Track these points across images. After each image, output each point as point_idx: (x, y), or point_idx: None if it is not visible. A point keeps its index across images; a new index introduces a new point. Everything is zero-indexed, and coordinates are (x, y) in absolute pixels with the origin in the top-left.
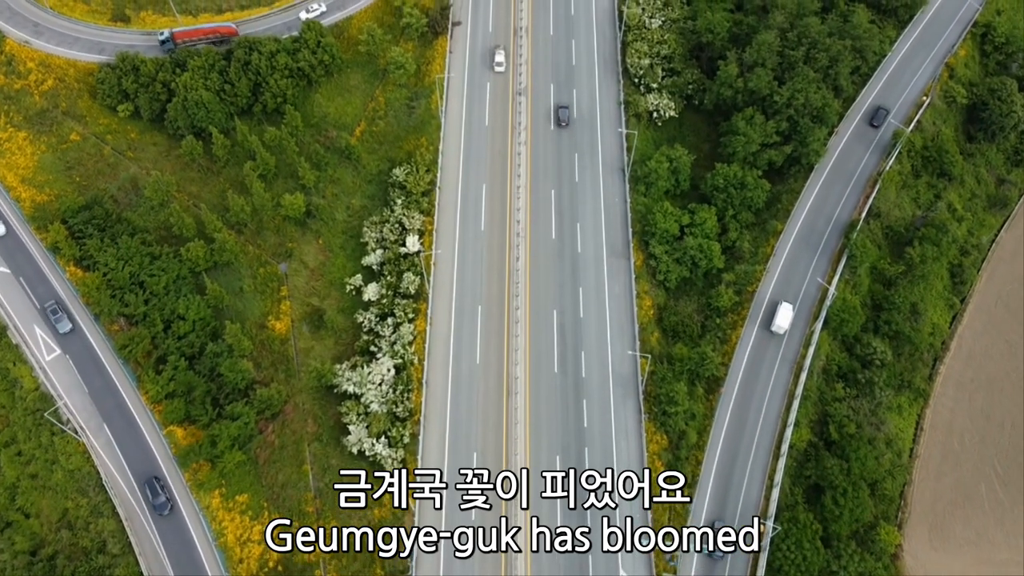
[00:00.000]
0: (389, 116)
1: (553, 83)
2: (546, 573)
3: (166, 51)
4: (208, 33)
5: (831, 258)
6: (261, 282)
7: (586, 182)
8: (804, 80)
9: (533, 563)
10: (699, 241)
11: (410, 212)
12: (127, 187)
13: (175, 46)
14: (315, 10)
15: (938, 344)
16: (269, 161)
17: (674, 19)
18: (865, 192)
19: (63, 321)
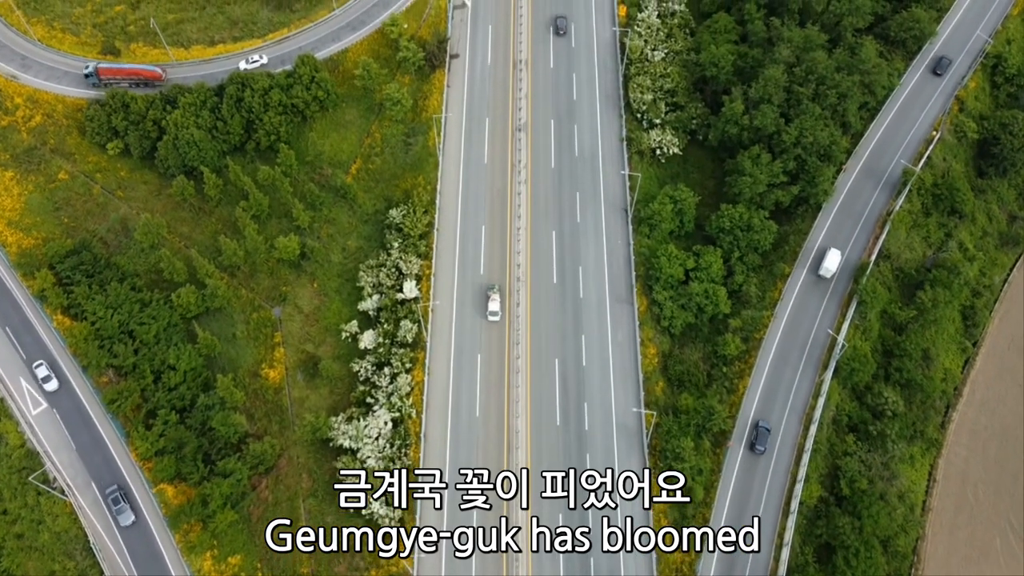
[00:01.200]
0: (385, 153)
1: (554, 118)
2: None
3: (91, 84)
4: (131, 74)
5: (840, 302)
6: (254, 328)
7: (588, 223)
8: (812, 117)
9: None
10: (704, 286)
11: (407, 256)
12: (117, 228)
13: (99, 81)
14: (255, 61)
15: (950, 390)
16: (262, 202)
17: (677, 51)
18: (874, 233)
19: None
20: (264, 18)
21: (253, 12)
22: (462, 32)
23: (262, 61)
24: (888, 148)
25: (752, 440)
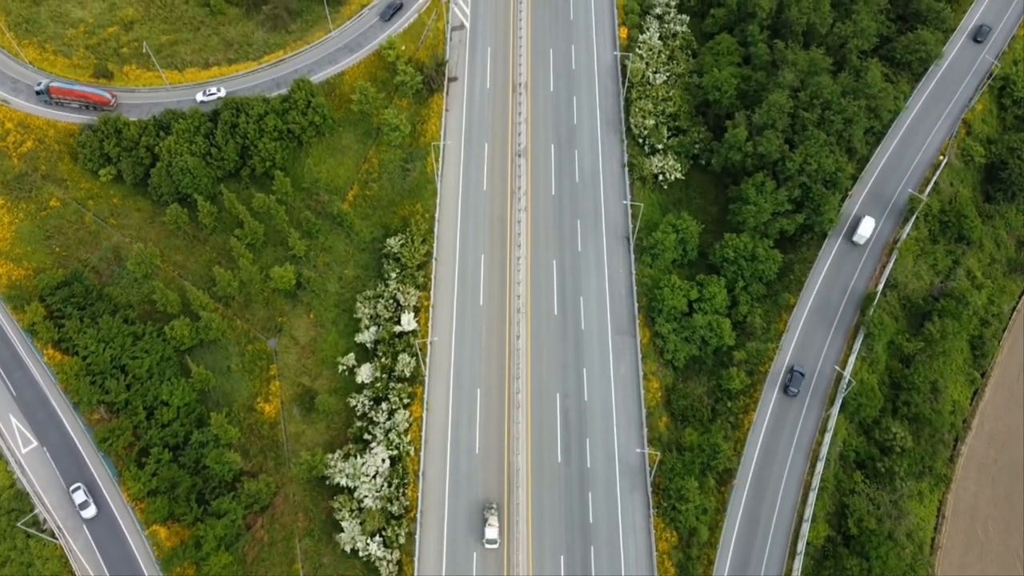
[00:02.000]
0: (383, 179)
1: (554, 143)
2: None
3: (42, 101)
4: (80, 96)
5: (847, 334)
6: (249, 360)
7: (589, 252)
8: (817, 144)
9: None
10: (708, 318)
11: (405, 287)
12: (109, 258)
13: (50, 99)
14: (212, 94)
15: (959, 423)
16: (257, 230)
17: (679, 73)
18: (881, 261)
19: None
20: (259, 39)
21: (248, 33)
22: (461, 54)
23: (219, 94)
24: (894, 173)
25: (759, 486)
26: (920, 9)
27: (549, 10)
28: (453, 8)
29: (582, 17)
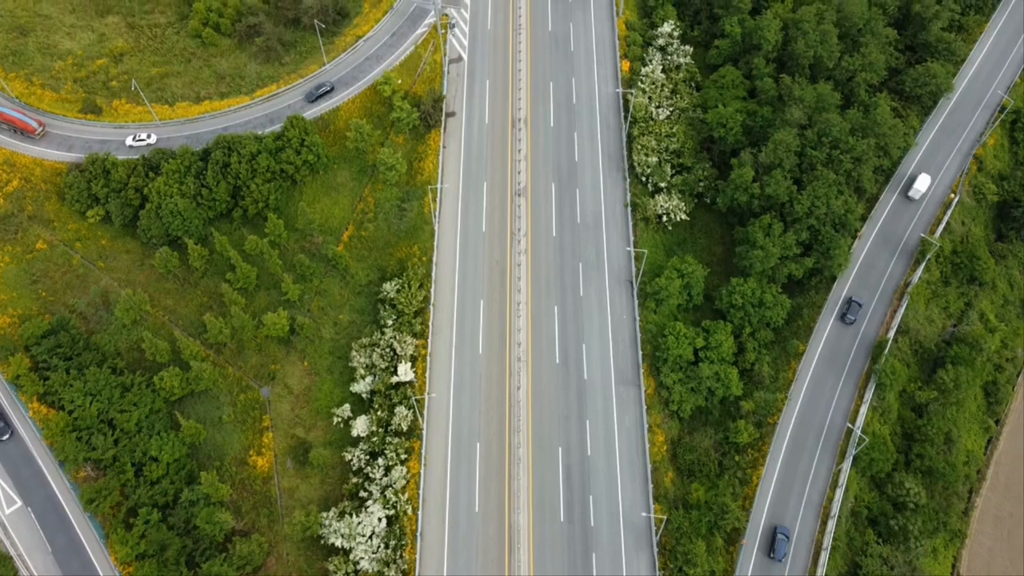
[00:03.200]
0: (379, 219)
1: (555, 182)
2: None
3: None
4: (5, 119)
5: (858, 382)
6: (242, 410)
7: (591, 297)
8: (825, 184)
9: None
10: (715, 368)
11: (402, 336)
12: (97, 302)
13: None
14: (142, 140)
15: (973, 474)
16: (250, 274)
17: (683, 108)
18: (892, 306)
19: None
20: (252, 72)
21: (241, 66)
22: (458, 87)
23: (149, 141)
24: (904, 211)
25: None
26: (929, 40)
27: (549, 41)
28: (451, 40)
29: (583, 49)
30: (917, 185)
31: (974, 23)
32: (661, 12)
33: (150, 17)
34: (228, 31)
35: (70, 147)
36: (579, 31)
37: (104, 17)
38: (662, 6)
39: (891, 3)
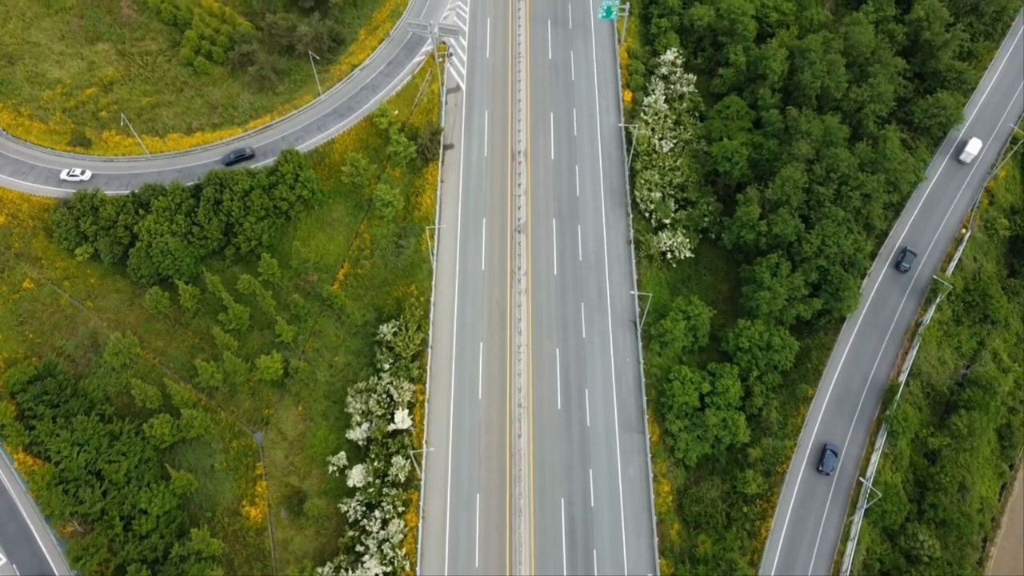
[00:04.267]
0: (375, 256)
1: (555, 217)
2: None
3: None
4: None
5: (868, 427)
6: (234, 457)
7: (594, 338)
8: (834, 222)
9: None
10: (722, 415)
11: (399, 381)
12: (86, 344)
13: None
14: (76, 175)
15: (988, 522)
16: (242, 315)
17: (687, 140)
18: (903, 346)
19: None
20: (245, 102)
21: (234, 95)
22: (456, 118)
23: (82, 177)
24: (916, 247)
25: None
26: (939, 69)
27: (549, 70)
28: (448, 69)
29: (584, 78)
30: None
31: (984, 49)
32: (664, 40)
33: (141, 44)
34: (221, 59)
35: (60, 182)
36: (580, 59)
37: (94, 44)
38: (665, 34)
39: (899, 30)
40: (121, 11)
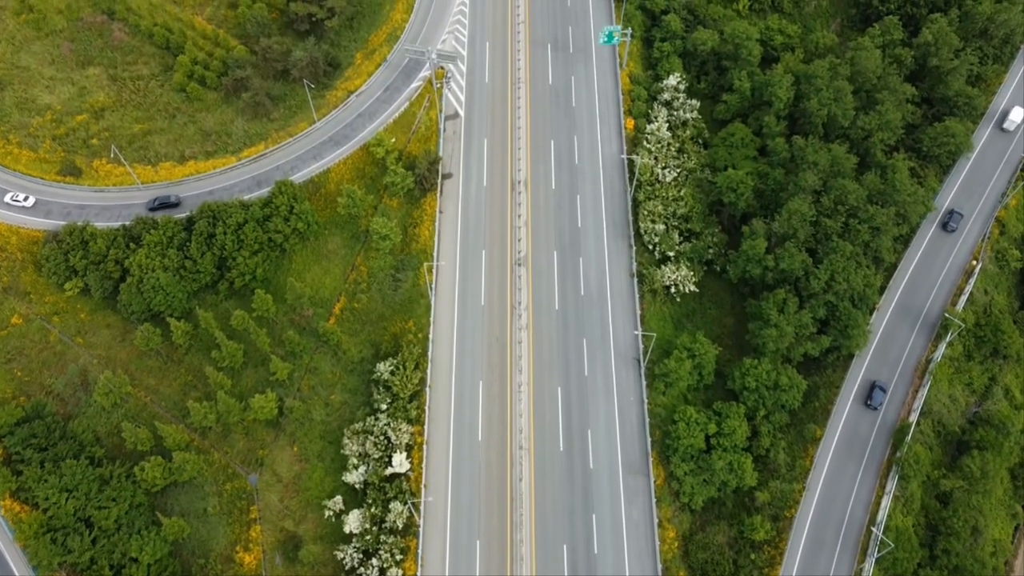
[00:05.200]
0: (372, 290)
1: (557, 250)
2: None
3: None
4: None
5: (879, 469)
6: (228, 501)
7: (597, 377)
8: (843, 257)
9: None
10: (728, 458)
11: (396, 423)
12: (75, 383)
13: None
14: (18, 201)
15: (1001, 567)
16: (236, 353)
17: (690, 168)
18: (913, 384)
19: None
20: (239, 129)
21: (227, 122)
22: (455, 146)
23: (26, 204)
24: (924, 281)
25: None
26: (948, 95)
27: (550, 96)
28: (447, 94)
29: (585, 104)
30: None
31: (992, 73)
32: (666, 64)
33: (133, 68)
34: (214, 84)
35: (47, 212)
36: (581, 85)
37: (85, 69)
38: (667, 58)
39: (906, 54)
40: (113, 34)
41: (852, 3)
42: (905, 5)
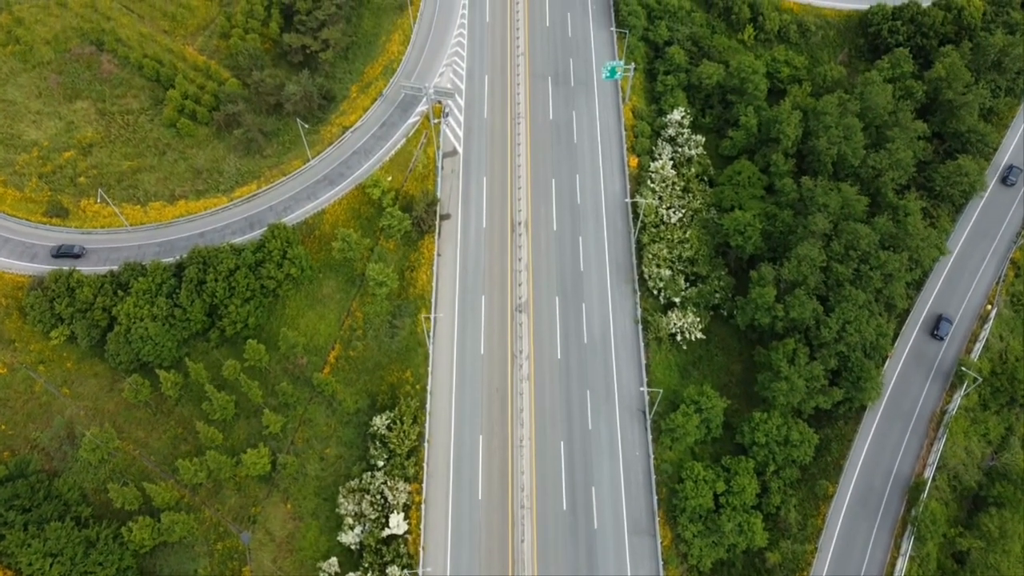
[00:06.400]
0: (368, 337)
1: (558, 295)
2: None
3: None
4: None
5: (893, 528)
6: (219, 561)
7: (601, 430)
8: (855, 306)
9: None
10: (738, 519)
11: (394, 481)
12: (61, 436)
13: None
14: None
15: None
16: (227, 406)
17: (696, 209)
18: (928, 436)
19: None
20: (232, 166)
21: (219, 159)
22: (453, 185)
23: None
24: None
25: None
26: (960, 130)
27: (551, 131)
28: (444, 130)
29: (587, 140)
30: None
31: (1005, 106)
32: (670, 99)
33: (122, 102)
34: (205, 119)
35: (33, 256)
36: (583, 120)
37: (73, 102)
38: (671, 92)
39: (917, 87)
40: (102, 66)
41: (860, 33)
42: (915, 36)
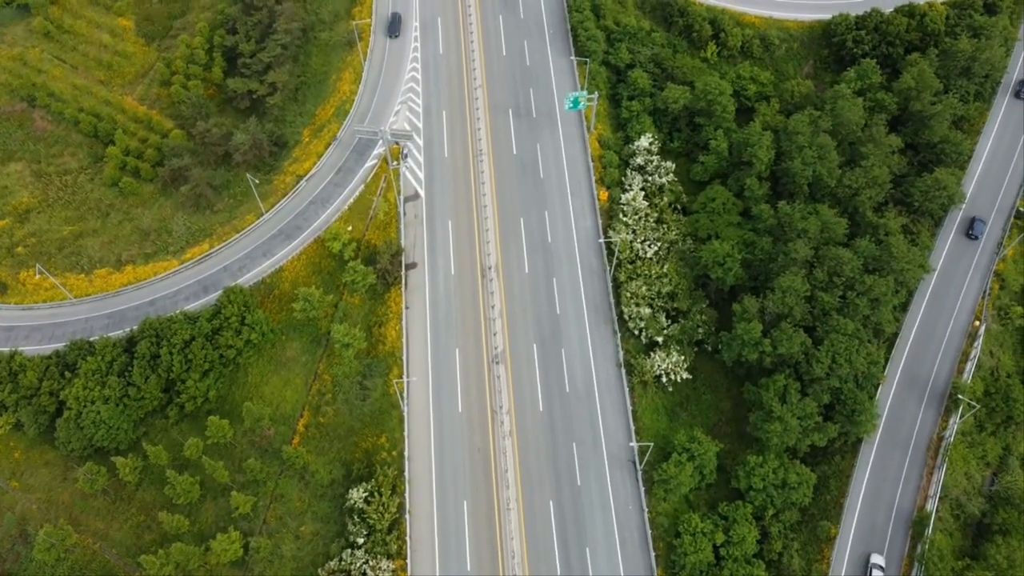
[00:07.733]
0: (338, 401)
1: (536, 343)
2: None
3: None
4: None
5: (900, 565)
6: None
7: (591, 485)
8: (844, 336)
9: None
10: (741, 573)
11: (376, 560)
12: (13, 534)
13: None
14: None
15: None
16: (191, 489)
17: (672, 240)
18: (927, 464)
19: None
20: (181, 225)
21: (166, 218)
22: (417, 231)
23: None
24: (928, 346)
25: None
26: (934, 141)
27: (516, 167)
28: (404, 173)
29: (554, 175)
30: None
31: (976, 111)
32: (637, 125)
33: (59, 162)
34: (149, 176)
35: (47, 336)
36: (548, 154)
37: (6, 165)
38: (637, 118)
39: (888, 99)
40: (35, 124)
41: (824, 44)
42: (880, 45)
